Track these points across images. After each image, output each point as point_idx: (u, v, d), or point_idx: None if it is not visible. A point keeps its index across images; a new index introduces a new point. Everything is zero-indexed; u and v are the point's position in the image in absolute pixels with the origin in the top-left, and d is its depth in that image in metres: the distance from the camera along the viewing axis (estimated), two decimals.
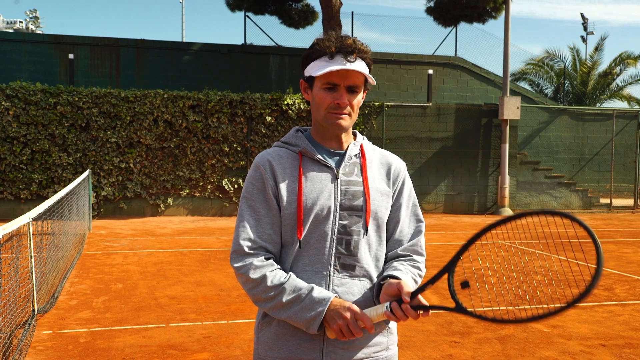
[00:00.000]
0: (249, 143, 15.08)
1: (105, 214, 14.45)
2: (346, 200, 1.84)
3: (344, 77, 1.80)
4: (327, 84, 1.82)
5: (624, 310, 6.31)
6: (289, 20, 20.17)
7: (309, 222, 1.82)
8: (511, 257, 9.67)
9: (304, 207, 1.82)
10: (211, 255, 9.46)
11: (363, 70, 1.80)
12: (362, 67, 1.82)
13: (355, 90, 1.83)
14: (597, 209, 17.93)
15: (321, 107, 1.84)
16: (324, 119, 1.85)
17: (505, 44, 16.75)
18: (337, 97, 1.81)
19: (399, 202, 1.94)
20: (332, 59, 1.80)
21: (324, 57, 1.81)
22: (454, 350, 4.92)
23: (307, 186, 1.83)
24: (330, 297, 1.73)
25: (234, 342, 5.11)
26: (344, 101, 1.81)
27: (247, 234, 1.82)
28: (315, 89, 1.85)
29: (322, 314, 1.71)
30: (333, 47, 1.80)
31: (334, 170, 1.87)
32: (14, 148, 13.69)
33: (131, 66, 18.48)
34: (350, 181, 1.87)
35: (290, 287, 1.76)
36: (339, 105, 1.81)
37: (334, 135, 1.89)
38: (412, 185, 2.02)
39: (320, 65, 1.81)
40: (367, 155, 1.93)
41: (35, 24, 72.74)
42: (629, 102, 27.76)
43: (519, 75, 27.90)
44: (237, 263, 1.82)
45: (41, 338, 5.16)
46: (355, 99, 1.84)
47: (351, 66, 1.78)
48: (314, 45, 1.85)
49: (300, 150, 1.88)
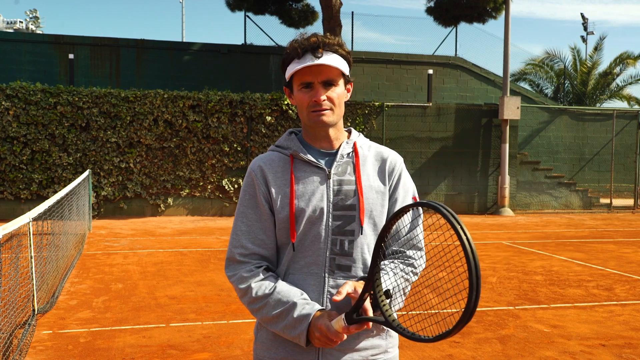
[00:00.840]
0: (249, 143, 15.08)
1: (105, 214, 14.45)
2: (339, 200, 1.83)
3: (316, 73, 1.80)
4: (302, 83, 1.82)
5: (624, 310, 6.31)
6: (289, 20, 20.17)
7: (303, 225, 1.81)
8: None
9: (296, 209, 1.81)
10: (211, 255, 9.46)
11: (334, 63, 1.79)
12: (333, 59, 1.80)
13: (331, 83, 1.82)
14: (597, 209, 17.93)
15: (303, 108, 1.84)
16: (307, 119, 1.84)
17: (505, 44, 16.75)
18: (314, 95, 1.81)
19: (395, 196, 1.91)
20: (301, 59, 1.80)
21: (295, 60, 1.82)
22: (454, 350, 4.92)
23: (298, 189, 1.83)
24: (310, 315, 1.72)
25: (234, 342, 5.11)
26: (319, 97, 1.80)
27: (239, 241, 1.85)
28: (295, 91, 1.86)
29: (305, 333, 1.72)
30: (298, 47, 1.80)
31: (326, 170, 1.85)
32: (14, 148, 13.69)
33: (131, 66, 18.48)
34: (343, 180, 1.85)
35: (273, 301, 1.77)
36: (316, 103, 1.81)
37: (322, 134, 1.88)
38: (411, 179, 1.98)
39: (292, 68, 1.83)
40: (360, 152, 1.91)
41: (35, 24, 72.78)
42: (629, 102, 27.77)
43: (519, 76, 27.90)
44: (229, 272, 1.87)
45: (41, 338, 5.16)
46: (334, 93, 1.82)
47: (318, 61, 1.78)
48: (285, 50, 1.87)
49: (291, 153, 1.88)
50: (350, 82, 1.92)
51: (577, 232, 12.98)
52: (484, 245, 10.82)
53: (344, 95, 1.87)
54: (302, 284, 1.82)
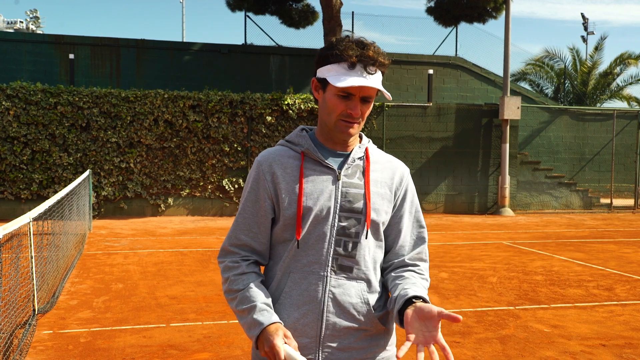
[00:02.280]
0: (249, 143, 15.09)
1: (105, 214, 14.45)
2: (346, 202, 1.84)
3: (360, 88, 1.79)
4: (343, 92, 1.79)
5: (624, 310, 6.30)
6: (289, 21, 20.17)
7: (309, 223, 1.82)
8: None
9: (303, 207, 1.81)
10: (211, 255, 9.46)
11: (379, 85, 1.79)
12: (378, 80, 1.80)
13: (368, 100, 1.83)
14: (597, 209, 17.92)
15: (333, 113, 1.82)
16: (334, 125, 1.83)
17: (506, 44, 16.75)
18: (351, 107, 1.80)
19: (402, 209, 1.93)
20: (350, 69, 1.77)
21: (342, 64, 1.77)
22: (454, 350, 4.92)
23: (307, 187, 1.83)
24: (264, 325, 1.73)
25: (234, 342, 5.11)
26: (357, 112, 1.80)
27: (234, 231, 1.90)
28: (329, 93, 1.82)
29: (255, 337, 1.75)
30: (354, 57, 1.76)
31: (336, 171, 1.86)
32: (15, 148, 13.70)
33: (131, 66, 18.48)
34: (352, 183, 1.86)
35: (241, 297, 1.82)
36: (351, 115, 1.80)
37: (340, 140, 1.88)
38: (414, 190, 2.00)
39: (338, 72, 1.78)
40: (371, 158, 1.92)
41: (36, 24, 72.80)
42: (629, 102, 27.76)
43: (519, 75, 27.88)
44: (219, 259, 1.92)
45: (41, 338, 5.16)
46: (367, 109, 1.84)
47: (370, 81, 1.76)
48: (333, 48, 1.80)
49: (302, 151, 1.87)
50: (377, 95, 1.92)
51: (577, 232, 12.97)
52: (484, 246, 10.81)
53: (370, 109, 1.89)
54: (303, 282, 1.82)
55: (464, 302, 6.53)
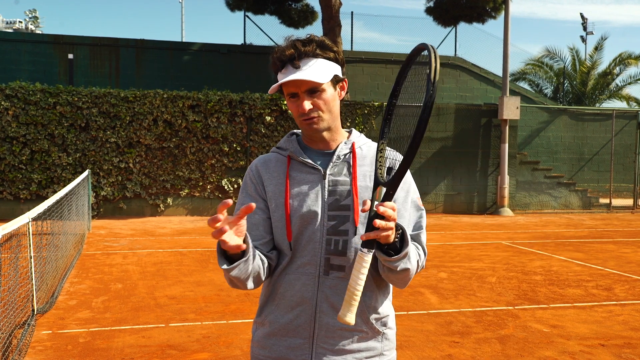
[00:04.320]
0: (248, 143, 15.08)
1: (104, 214, 14.44)
2: (334, 200, 1.83)
3: (299, 83, 1.79)
4: (289, 94, 1.82)
5: (623, 310, 6.31)
6: (288, 20, 20.17)
7: (297, 224, 1.82)
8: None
9: (290, 209, 1.82)
10: (211, 255, 9.46)
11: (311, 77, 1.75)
12: (313, 70, 1.77)
13: (315, 91, 1.80)
14: (596, 209, 17.93)
15: (295, 116, 1.85)
16: (300, 127, 1.87)
17: (505, 44, 16.76)
18: (299, 105, 1.80)
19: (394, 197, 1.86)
20: (282, 70, 1.81)
21: (280, 72, 1.83)
22: (454, 350, 4.92)
23: (293, 189, 1.84)
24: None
25: (233, 342, 5.11)
26: (304, 108, 1.79)
27: None
28: (286, 100, 1.87)
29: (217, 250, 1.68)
30: (277, 61, 1.81)
31: (321, 171, 1.86)
32: (14, 148, 13.69)
33: (131, 66, 18.48)
34: (338, 181, 1.85)
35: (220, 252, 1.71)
36: (303, 113, 1.80)
37: (318, 137, 1.88)
38: (412, 179, 1.95)
39: (278, 80, 1.83)
40: (358, 153, 1.90)
41: (35, 23, 72.79)
42: (628, 102, 27.78)
43: (518, 75, 27.90)
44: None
45: (40, 338, 5.16)
46: (320, 100, 1.80)
47: (297, 75, 1.76)
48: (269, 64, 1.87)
49: (288, 154, 1.90)
50: (343, 80, 1.89)
51: (576, 232, 12.98)
52: (484, 245, 10.82)
53: (335, 98, 1.85)
54: (297, 283, 1.82)
55: (463, 302, 6.53)
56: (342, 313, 1.62)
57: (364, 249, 1.61)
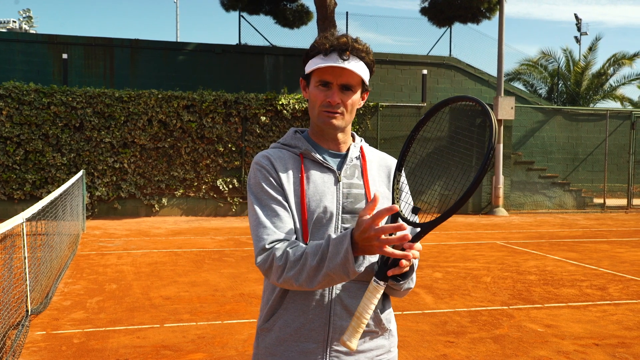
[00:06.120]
0: (243, 143, 15.07)
1: (99, 214, 14.41)
2: (348, 203, 1.82)
3: (338, 75, 1.77)
4: (321, 81, 1.79)
5: (617, 309, 6.33)
6: (283, 20, 20.17)
7: (313, 225, 1.78)
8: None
9: (307, 209, 1.78)
10: (205, 255, 9.45)
11: (357, 70, 1.76)
12: (358, 66, 1.78)
13: (349, 89, 1.79)
14: (590, 208, 17.99)
15: (315, 105, 1.81)
16: (317, 117, 1.82)
17: (500, 44, 16.80)
18: (329, 95, 1.78)
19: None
20: (326, 56, 1.77)
21: (319, 55, 1.79)
22: (449, 350, 4.93)
23: (309, 189, 1.80)
24: (349, 230, 1.58)
25: (228, 342, 5.10)
26: (334, 99, 1.78)
27: (266, 233, 1.72)
28: (311, 86, 1.83)
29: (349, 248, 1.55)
30: (327, 44, 1.77)
31: (336, 172, 1.84)
32: (8, 148, 13.63)
33: (125, 66, 18.43)
34: (352, 184, 1.84)
35: (311, 250, 1.64)
36: (329, 104, 1.78)
37: (330, 136, 1.86)
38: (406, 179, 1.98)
39: (314, 63, 1.79)
40: (367, 157, 1.91)
41: (29, 23, 72.48)
42: (622, 102, 27.89)
43: (513, 76, 27.98)
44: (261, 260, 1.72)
45: (35, 339, 5.14)
46: (349, 99, 1.80)
47: (344, 64, 1.75)
48: (312, 44, 1.83)
49: (301, 152, 1.84)
50: (368, 90, 1.89)
51: (570, 232, 13.02)
52: (478, 245, 10.84)
53: (358, 102, 1.85)
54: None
55: (458, 302, 6.54)
56: (347, 338, 1.59)
57: (380, 281, 1.59)
